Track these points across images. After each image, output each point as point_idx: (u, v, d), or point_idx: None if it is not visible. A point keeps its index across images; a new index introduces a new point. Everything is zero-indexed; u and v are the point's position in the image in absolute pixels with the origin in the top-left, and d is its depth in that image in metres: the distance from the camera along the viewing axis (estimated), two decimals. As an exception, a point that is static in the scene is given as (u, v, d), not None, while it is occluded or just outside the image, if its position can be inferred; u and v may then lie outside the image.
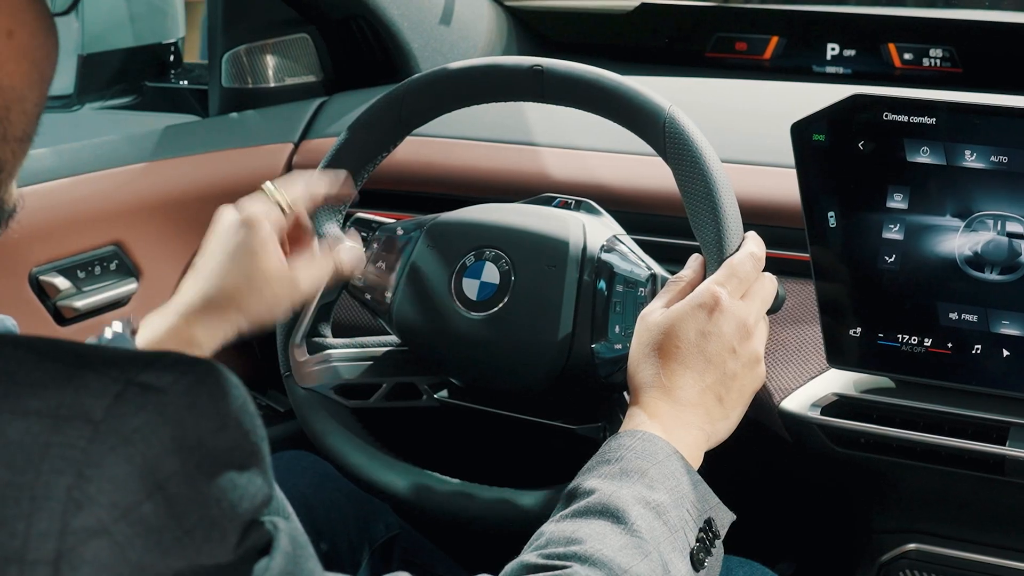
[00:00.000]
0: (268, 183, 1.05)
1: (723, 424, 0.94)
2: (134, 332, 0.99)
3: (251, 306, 0.99)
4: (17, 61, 0.56)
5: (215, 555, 0.50)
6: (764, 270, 1.00)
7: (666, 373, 0.93)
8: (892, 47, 1.65)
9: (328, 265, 1.05)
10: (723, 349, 0.93)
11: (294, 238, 1.05)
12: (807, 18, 1.73)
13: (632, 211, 1.24)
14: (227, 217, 1.02)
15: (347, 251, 1.07)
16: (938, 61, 1.62)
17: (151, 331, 0.98)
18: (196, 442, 0.50)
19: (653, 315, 0.96)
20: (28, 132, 0.58)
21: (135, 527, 0.47)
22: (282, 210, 1.03)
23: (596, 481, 0.85)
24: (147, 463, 0.48)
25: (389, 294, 1.15)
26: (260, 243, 0.99)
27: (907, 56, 1.64)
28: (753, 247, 0.99)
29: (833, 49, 1.69)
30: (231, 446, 0.52)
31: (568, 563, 0.78)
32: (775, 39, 1.72)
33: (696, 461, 0.91)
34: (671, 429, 0.90)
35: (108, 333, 0.97)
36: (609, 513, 0.82)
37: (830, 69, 1.70)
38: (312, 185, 1.06)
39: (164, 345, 0.98)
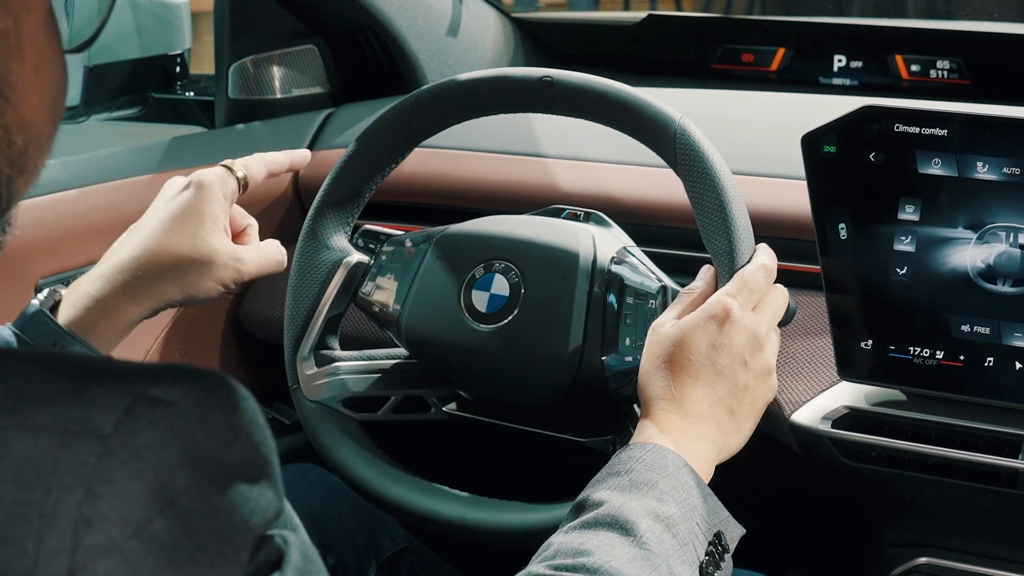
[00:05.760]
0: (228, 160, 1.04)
1: (735, 437, 0.93)
2: (57, 304, 0.97)
3: (189, 279, 0.97)
4: (41, 97, 0.57)
5: (228, 571, 0.49)
6: (775, 282, 0.99)
7: (677, 385, 0.92)
8: (899, 59, 1.65)
9: (274, 253, 1.03)
10: (734, 361, 0.93)
11: (238, 225, 1.04)
12: (814, 30, 1.73)
13: (642, 223, 1.24)
14: (176, 182, 1.00)
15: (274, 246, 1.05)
16: (945, 73, 1.62)
17: (74, 301, 0.96)
18: (207, 456, 0.49)
19: (664, 327, 0.95)
20: (39, 165, 0.59)
21: (147, 544, 0.46)
22: (237, 181, 1.02)
23: (605, 493, 0.85)
24: (158, 479, 0.47)
25: (398, 306, 1.15)
26: (209, 207, 0.97)
27: (914, 68, 1.64)
28: (764, 259, 0.99)
29: (840, 61, 1.69)
30: (242, 459, 0.51)
31: (576, 574, 0.78)
32: (781, 51, 1.72)
33: (707, 474, 0.90)
34: (682, 442, 0.90)
35: (30, 309, 0.96)
36: (618, 525, 0.81)
37: (837, 81, 1.70)
38: (271, 161, 1.06)
39: (88, 315, 0.95)
